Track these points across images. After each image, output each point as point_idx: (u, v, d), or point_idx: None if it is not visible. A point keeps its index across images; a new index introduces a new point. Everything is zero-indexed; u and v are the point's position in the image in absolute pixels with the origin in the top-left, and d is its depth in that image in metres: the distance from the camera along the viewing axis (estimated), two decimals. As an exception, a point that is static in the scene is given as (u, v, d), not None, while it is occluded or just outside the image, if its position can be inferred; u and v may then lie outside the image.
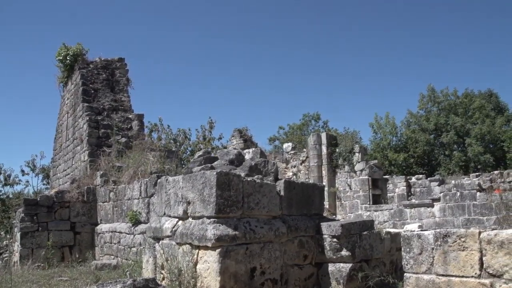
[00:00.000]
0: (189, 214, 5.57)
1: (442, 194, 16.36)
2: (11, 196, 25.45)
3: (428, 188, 17.92)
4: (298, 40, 72.49)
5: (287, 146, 22.07)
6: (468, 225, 14.78)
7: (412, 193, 18.89)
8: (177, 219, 5.82)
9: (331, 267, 5.90)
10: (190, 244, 5.35)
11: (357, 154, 19.02)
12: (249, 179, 5.56)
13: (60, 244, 12.00)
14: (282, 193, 5.87)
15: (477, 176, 16.13)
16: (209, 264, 5.07)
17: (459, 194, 15.87)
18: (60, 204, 12.25)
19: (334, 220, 6.68)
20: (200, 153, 6.52)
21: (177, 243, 5.62)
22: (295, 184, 6.16)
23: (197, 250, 5.25)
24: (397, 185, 19.21)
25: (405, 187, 18.95)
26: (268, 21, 73.12)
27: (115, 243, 10.87)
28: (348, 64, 68.04)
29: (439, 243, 4.18)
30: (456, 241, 4.07)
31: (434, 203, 16.48)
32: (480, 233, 3.96)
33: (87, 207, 12.51)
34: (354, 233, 5.97)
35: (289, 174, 20.66)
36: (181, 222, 5.73)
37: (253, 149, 7.00)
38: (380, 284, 5.71)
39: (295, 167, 20.88)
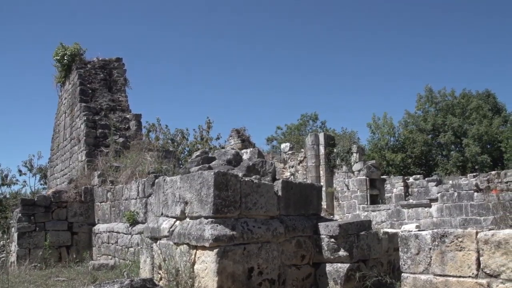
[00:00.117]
0: (186, 214, 5.56)
1: (440, 194, 16.39)
2: (8, 196, 25.43)
3: (426, 188, 17.93)
4: (297, 41, 72.61)
5: (285, 146, 22.09)
6: (465, 225, 14.80)
7: (410, 193, 18.92)
8: (174, 219, 5.81)
9: (328, 267, 5.91)
10: (187, 244, 5.35)
11: (355, 154, 19.05)
12: (246, 179, 5.55)
13: (57, 244, 11.96)
14: (280, 193, 5.87)
15: (474, 177, 16.16)
16: (206, 264, 5.07)
17: (456, 194, 15.90)
18: (57, 204, 12.22)
19: (331, 220, 6.69)
20: (198, 153, 6.51)
21: (175, 243, 5.61)
22: (292, 184, 6.16)
23: (195, 250, 5.25)
24: (394, 185, 19.25)
25: (402, 187, 18.98)
26: (266, 21, 73.23)
27: (112, 243, 10.85)
28: (346, 65, 68.18)
29: (436, 243, 4.18)
30: (453, 241, 4.07)
31: (432, 203, 16.51)
32: (477, 233, 3.96)
33: (85, 207, 12.48)
34: (351, 233, 5.97)
35: (287, 174, 20.66)
36: (178, 222, 5.72)
37: (251, 149, 6.99)
38: (378, 284, 5.71)
39: (293, 167, 20.90)
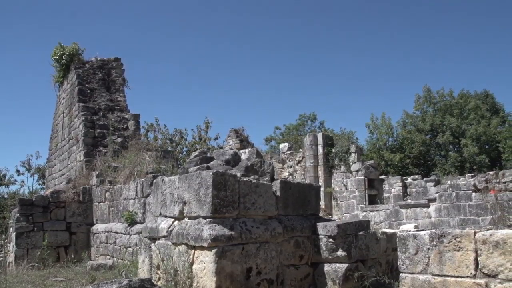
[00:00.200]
0: (185, 214, 5.56)
1: (438, 194, 16.41)
2: (6, 196, 25.38)
3: (424, 189, 17.95)
4: (295, 41, 72.62)
5: (283, 146, 22.09)
6: (463, 225, 14.81)
7: (408, 193, 18.92)
8: (173, 219, 5.81)
9: (327, 267, 5.91)
10: (186, 244, 5.35)
11: (353, 155, 19.06)
12: (245, 179, 5.55)
13: (55, 244, 11.95)
14: (278, 193, 5.87)
15: (472, 177, 16.18)
16: (205, 264, 5.07)
17: (454, 194, 15.92)
18: (55, 204, 12.21)
19: (330, 220, 6.69)
20: (196, 153, 6.51)
21: (173, 243, 5.61)
22: (291, 184, 6.16)
23: (193, 250, 5.25)
24: (393, 186, 19.24)
25: (401, 188, 18.98)
26: (265, 22, 73.22)
27: (111, 243, 10.84)
28: (345, 65, 68.21)
29: (434, 243, 4.19)
30: (451, 241, 4.08)
31: (430, 204, 16.53)
32: (475, 233, 3.97)
33: (83, 207, 12.47)
34: (350, 233, 5.97)
35: (285, 174, 20.67)
36: (177, 222, 5.72)
37: (249, 149, 6.99)
38: (376, 284, 5.71)
39: (291, 167, 20.90)
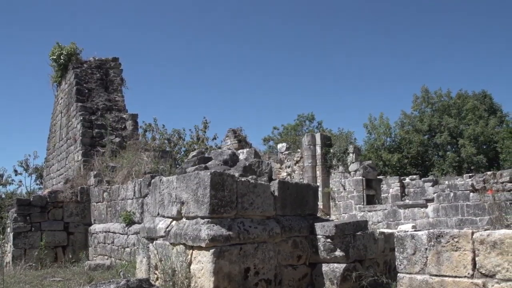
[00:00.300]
0: (183, 214, 5.56)
1: (436, 194, 16.43)
2: (3, 196, 25.33)
3: (422, 189, 17.97)
4: (293, 41, 72.65)
5: (282, 146, 22.09)
6: (461, 226, 14.84)
7: (406, 193, 18.94)
8: (171, 219, 5.80)
9: (325, 267, 5.91)
10: (184, 244, 5.35)
11: (351, 155, 19.06)
12: (243, 179, 5.56)
13: (53, 244, 11.93)
14: (276, 193, 5.87)
15: (470, 177, 16.20)
16: (203, 264, 5.07)
17: (452, 194, 15.93)
18: (53, 204, 12.18)
19: (328, 220, 6.69)
20: (194, 153, 6.51)
21: (171, 243, 5.60)
22: (289, 185, 6.16)
23: (191, 250, 5.25)
24: (391, 186, 19.25)
25: (399, 188, 18.99)
26: (263, 22, 73.23)
27: (108, 244, 10.83)
28: (343, 65, 68.24)
29: (432, 243, 4.19)
30: (449, 241, 4.08)
31: (428, 204, 16.54)
32: (473, 233, 3.97)
33: (81, 207, 12.44)
34: (348, 234, 5.98)
35: (283, 174, 20.67)
36: (175, 222, 5.72)
37: (247, 149, 6.99)
38: (374, 284, 5.72)
39: (289, 167, 20.90)
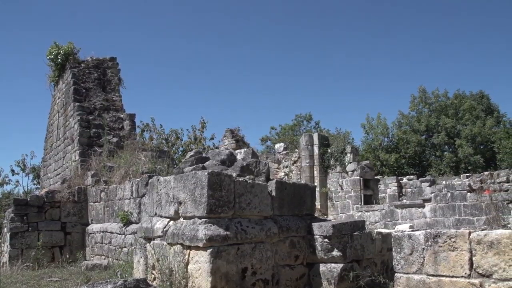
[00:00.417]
0: (180, 214, 5.55)
1: (433, 194, 16.45)
2: (0, 196, 25.25)
3: (419, 189, 18.01)
4: (291, 41, 72.66)
5: (279, 146, 22.09)
6: (458, 226, 14.87)
7: (403, 193, 18.99)
8: (168, 219, 5.80)
9: (322, 267, 5.91)
10: (181, 244, 5.34)
11: (348, 155, 19.07)
12: (240, 179, 5.55)
13: (50, 244, 11.89)
14: (274, 193, 5.87)
15: (467, 177, 16.25)
16: (200, 264, 5.06)
17: (449, 194, 15.96)
18: (50, 204, 12.15)
19: (325, 220, 6.69)
20: (192, 153, 6.50)
21: (168, 243, 5.60)
22: (286, 185, 6.16)
23: (188, 250, 5.24)
24: (388, 186, 19.31)
25: (396, 188, 19.05)
26: (261, 23, 73.21)
27: (106, 244, 10.81)
28: (341, 65, 68.31)
29: (429, 243, 4.20)
30: (446, 241, 4.09)
31: (425, 204, 16.56)
32: (470, 233, 3.98)
33: (78, 207, 12.42)
34: (345, 234, 5.98)
35: (281, 174, 20.67)
36: (172, 222, 5.71)
37: (245, 149, 6.99)
38: (371, 284, 5.73)
39: (287, 167, 20.91)
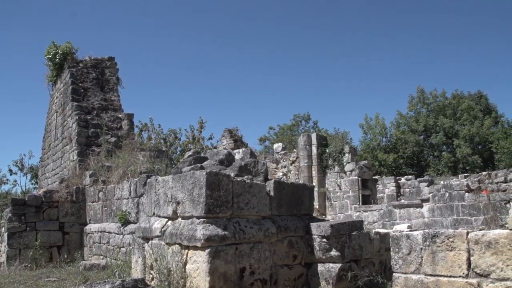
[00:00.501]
0: (178, 214, 5.55)
1: (431, 194, 16.47)
2: (-2, 195, 25.18)
3: (417, 189, 18.01)
4: (289, 41, 72.67)
5: (277, 146, 22.10)
6: (456, 226, 14.89)
7: (402, 193, 18.98)
8: (166, 219, 5.79)
9: (320, 267, 5.92)
10: (179, 244, 5.34)
11: (347, 155, 19.08)
12: (238, 179, 5.55)
13: (48, 244, 11.87)
14: (272, 193, 5.87)
15: (465, 177, 16.26)
16: (198, 264, 5.06)
17: (447, 194, 15.99)
18: (48, 204, 12.12)
19: (323, 220, 6.70)
20: (190, 153, 6.50)
21: (167, 243, 5.59)
22: (285, 185, 6.16)
23: (187, 250, 5.24)
24: (386, 186, 19.29)
25: (394, 188, 19.03)
26: (259, 23, 73.21)
27: (104, 243, 10.80)
28: (339, 65, 68.35)
29: (427, 243, 4.20)
30: (444, 241, 4.10)
31: (423, 204, 16.58)
32: (468, 233, 3.99)
33: (76, 207, 12.40)
34: (343, 234, 5.99)
35: (279, 174, 20.67)
36: (170, 222, 5.71)
37: (243, 149, 6.99)
38: (369, 284, 5.73)
39: (285, 167, 20.91)
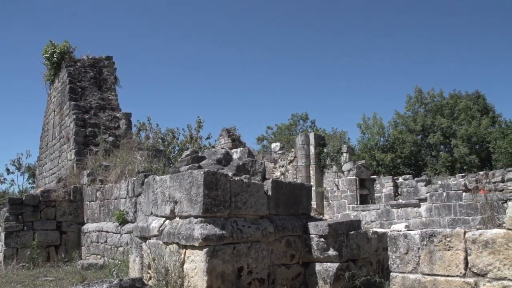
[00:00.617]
0: (176, 214, 5.55)
1: (429, 194, 16.50)
2: (-5, 195, 25.13)
3: (415, 188, 18.04)
4: (287, 41, 72.70)
5: (275, 146, 22.10)
6: (454, 225, 14.92)
7: (399, 193, 19.01)
8: (164, 219, 5.79)
9: (318, 266, 5.92)
10: (177, 243, 5.34)
11: (344, 154, 19.09)
12: (236, 178, 5.55)
13: (45, 243, 11.84)
14: (270, 192, 5.87)
15: (463, 177, 16.29)
16: (196, 263, 5.06)
17: (445, 194, 16.01)
18: (46, 203, 12.09)
19: (321, 220, 6.70)
20: (188, 152, 6.49)
21: (164, 242, 5.59)
22: (282, 184, 6.17)
23: (184, 250, 5.24)
24: (384, 185, 19.32)
25: (392, 187, 19.05)
26: (257, 23, 73.21)
27: (101, 243, 10.78)
28: (337, 65, 68.39)
29: (425, 242, 4.21)
30: (441, 240, 4.10)
31: (421, 203, 16.61)
32: (465, 233, 3.99)
33: (74, 206, 12.37)
34: (341, 233, 5.99)
35: (277, 174, 20.68)
36: (168, 221, 5.70)
37: (241, 148, 7.00)
38: (367, 284, 5.74)
39: (283, 167, 20.91)
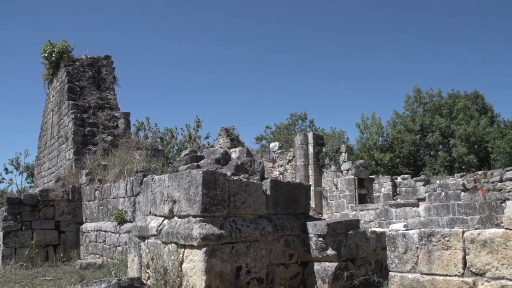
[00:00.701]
0: (175, 213, 5.55)
1: (427, 194, 16.51)
2: (-6, 194, 25.09)
3: (414, 188, 18.06)
4: (286, 41, 72.70)
5: (274, 145, 22.10)
6: (452, 225, 14.94)
7: (398, 192, 19.04)
8: (162, 218, 5.79)
9: (316, 266, 5.92)
10: (175, 243, 5.33)
11: (343, 154, 19.10)
12: (235, 178, 5.55)
13: (44, 243, 11.83)
14: (268, 192, 5.88)
15: (461, 176, 16.31)
16: (194, 263, 5.06)
17: (444, 194, 16.03)
18: (44, 202, 12.08)
19: (320, 219, 6.71)
20: (186, 152, 6.49)
21: (163, 242, 5.59)
22: (281, 184, 6.17)
23: (183, 249, 5.24)
24: (383, 185, 19.34)
25: (390, 187, 19.08)
26: (256, 23, 73.21)
27: (100, 242, 10.78)
28: (336, 65, 68.43)
29: (423, 242, 4.21)
30: (440, 240, 4.11)
31: (419, 203, 16.62)
32: (463, 232, 4.00)
33: (72, 206, 12.36)
34: (339, 233, 6.00)
35: (276, 173, 20.68)
36: (166, 221, 5.70)
37: (240, 148, 6.99)
38: (365, 283, 5.74)
39: (281, 166, 20.92)
